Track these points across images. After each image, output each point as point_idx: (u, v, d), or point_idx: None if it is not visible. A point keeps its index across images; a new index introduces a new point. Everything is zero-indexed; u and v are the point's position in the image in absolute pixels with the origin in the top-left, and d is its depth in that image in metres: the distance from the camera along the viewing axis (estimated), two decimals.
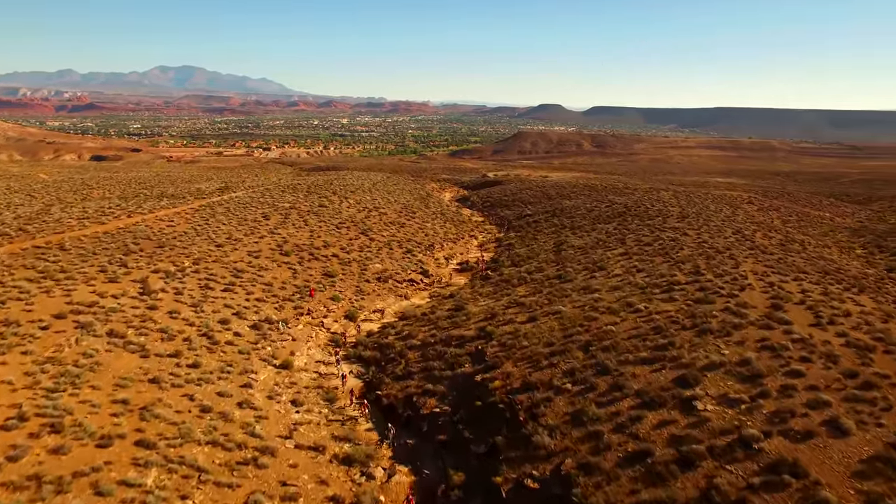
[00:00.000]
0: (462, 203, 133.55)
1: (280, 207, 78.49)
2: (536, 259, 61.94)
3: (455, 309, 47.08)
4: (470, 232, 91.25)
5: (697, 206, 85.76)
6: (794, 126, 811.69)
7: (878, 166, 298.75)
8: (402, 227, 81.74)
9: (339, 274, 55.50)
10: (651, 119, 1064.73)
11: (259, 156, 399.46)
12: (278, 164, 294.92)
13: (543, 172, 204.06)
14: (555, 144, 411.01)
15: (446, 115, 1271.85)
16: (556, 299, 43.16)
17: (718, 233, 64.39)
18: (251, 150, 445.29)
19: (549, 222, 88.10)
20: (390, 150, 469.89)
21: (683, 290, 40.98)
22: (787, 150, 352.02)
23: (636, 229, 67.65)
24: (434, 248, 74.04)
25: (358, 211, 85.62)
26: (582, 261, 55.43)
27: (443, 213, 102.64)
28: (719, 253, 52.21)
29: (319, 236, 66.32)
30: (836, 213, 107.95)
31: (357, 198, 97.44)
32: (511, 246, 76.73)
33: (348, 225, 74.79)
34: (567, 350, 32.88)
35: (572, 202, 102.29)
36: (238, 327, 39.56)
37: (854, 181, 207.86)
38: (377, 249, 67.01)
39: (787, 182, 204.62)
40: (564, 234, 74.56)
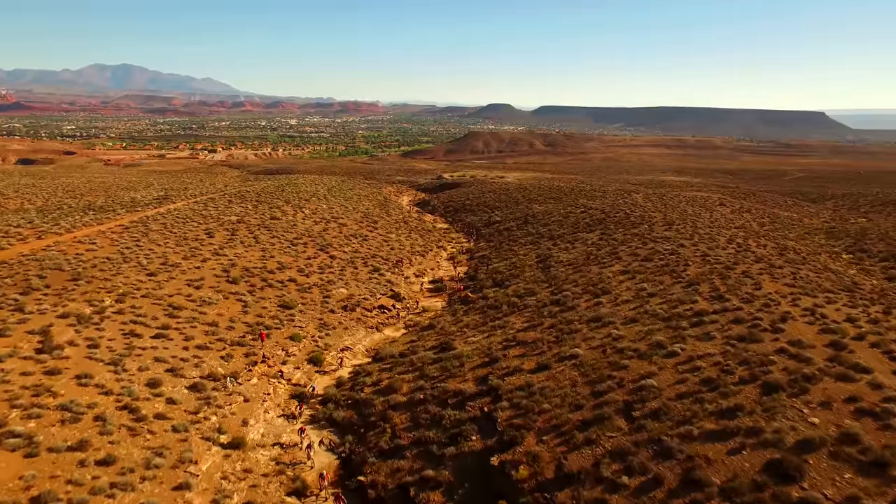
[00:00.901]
0: (422, 208, 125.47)
1: (226, 221, 68.27)
2: (522, 277, 54.48)
3: (441, 348, 38.98)
4: (437, 242, 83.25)
5: (678, 211, 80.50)
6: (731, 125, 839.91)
7: (812, 163, 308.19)
8: (364, 240, 72.90)
9: (297, 304, 46.40)
10: (598, 118, 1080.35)
11: (204, 158, 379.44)
12: (225, 166, 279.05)
13: (499, 172, 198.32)
14: (507, 144, 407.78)
15: (396, 115, 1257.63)
16: (565, 336, 35.69)
17: (712, 241, 58.65)
18: (196, 153, 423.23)
19: (522, 230, 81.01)
20: (341, 152, 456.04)
21: (715, 321, 34.25)
22: (730, 149, 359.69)
23: (625, 240, 61.23)
24: (402, 265, 65.66)
25: (315, 222, 76.18)
26: (578, 281, 48.27)
27: (406, 221, 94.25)
28: (729, 269, 46.07)
29: (273, 256, 56.82)
30: (803, 214, 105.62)
31: (313, 206, 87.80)
32: (486, 259, 69.18)
33: (305, 240, 65.42)
34: (603, 417, 25.38)
35: (543, 207, 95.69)
36: (172, 391, 30.22)
37: (796, 178, 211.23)
38: (340, 269, 58.07)
39: (736, 180, 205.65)
40: (545, 246, 67.53)
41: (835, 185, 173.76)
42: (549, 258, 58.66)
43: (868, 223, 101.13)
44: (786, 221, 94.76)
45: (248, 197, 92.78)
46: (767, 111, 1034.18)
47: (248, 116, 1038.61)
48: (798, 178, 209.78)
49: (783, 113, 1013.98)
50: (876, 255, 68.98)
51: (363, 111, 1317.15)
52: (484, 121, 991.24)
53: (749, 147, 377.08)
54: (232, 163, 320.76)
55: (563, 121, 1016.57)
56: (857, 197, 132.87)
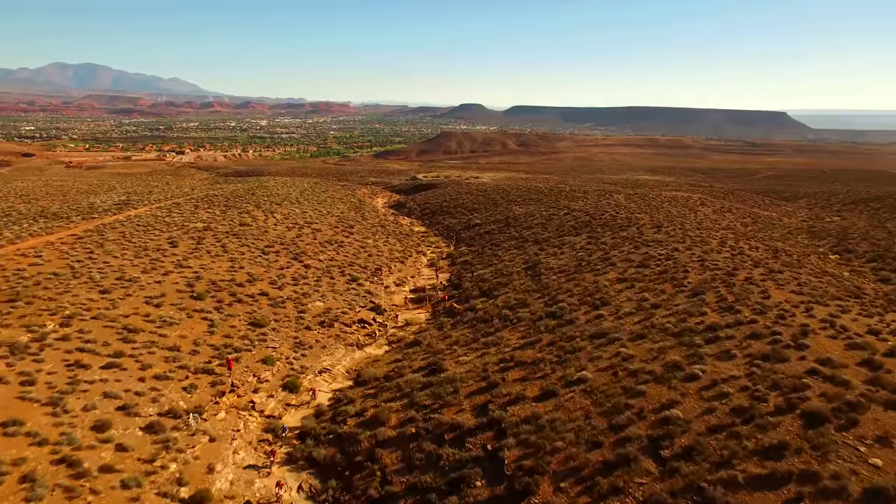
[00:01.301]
0: (398, 210, 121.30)
1: (192, 229, 63.17)
2: (511, 286, 50.96)
3: (430, 369, 35.13)
4: (416, 247, 79.32)
5: (663, 212, 78.15)
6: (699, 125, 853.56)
7: (778, 161, 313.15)
8: (340, 246, 68.53)
9: (270, 322, 41.98)
10: (569, 118, 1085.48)
11: (172, 160, 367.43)
12: (193, 168, 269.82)
13: (473, 173, 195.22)
14: (480, 144, 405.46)
15: (368, 115, 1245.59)
16: (568, 356, 32.19)
17: (704, 244, 56.11)
18: (163, 155, 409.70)
19: (505, 234, 77.65)
20: (313, 153, 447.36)
21: (731, 336, 31.18)
22: (699, 148, 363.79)
23: (616, 244, 58.26)
24: (381, 273, 61.54)
25: (287, 228, 71.49)
26: (573, 290, 44.94)
27: (382, 225, 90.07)
28: (731, 276, 43.32)
29: (242, 267, 52.14)
30: (781, 213, 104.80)
31: (285, 211, 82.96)
32: (470, 266, 65.55)
33: (277, 248, 60.81)
34: (628, 457, 21.91)
35: (524, 209, 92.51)
36: (124, 434, 25.75)
37: (767, 177, 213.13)
38: (315, 280, 53.68)
39: (709, 178, 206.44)
40: (531, 250, 64.23)
41: (804, 184, 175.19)
42: (537, 264, 55.27)
43: (843, 221, 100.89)
44: (766, 221, 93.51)
45: (217, 201, 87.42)
46: (733, 111, 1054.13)
47: (217, 117, 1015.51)
48: (768, 176, 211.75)
49: (748, 113, 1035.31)
50: (862, 255, 67.60)
51: (334, 112, 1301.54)
52: (456, 121, 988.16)
53: (717, 146, 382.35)
54: (200, 165, 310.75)
55: (534, 120, 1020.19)
56: (828, 195, 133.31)
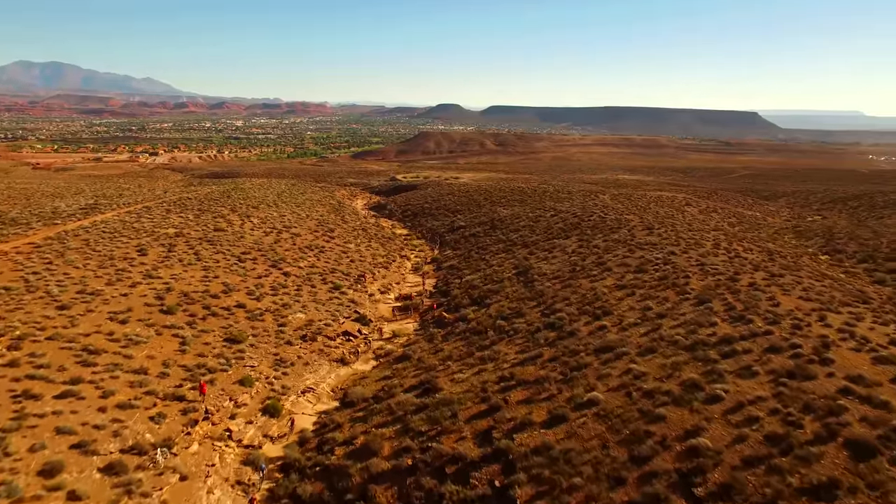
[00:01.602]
0: (378, 212, 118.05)
1: (162, 235, 59.17)
2: (503, 293, 48.23)
3: (423, 388, 32.20)
4: (399, 251, 76.29)
5: (651, 213, 76.39)
6: (673, 124, 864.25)
7: (752, 161, 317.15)
8: (321, 252, 65.15)
9: (247, 337, 38.58)
10: (545, 118, 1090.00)
11: (145, 161, 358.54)
12: (168, 170, 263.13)
13: (453, 173, 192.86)
14: (458, 144, 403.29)
15: (345, 115, 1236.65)
16: (574, 373, 29.53)
17: (699, 247, 54.21)
18: (136, 156, 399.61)
19: (491, 237, 75.04)
20: (290, 153, 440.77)
21: (748, 350, 28.87)
22: (674, 147, 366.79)
23: (609, 247, 55.97)
24: (365, 280, 58.39)
25: (265, 233, 67.84)
26: (571, 298, 42.39)
27: (364, 228, 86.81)
28: (734, 281, 41.25)
29: (217, 276, 48.51)
30: (765, 213, 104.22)
31: (262, 214, 79.17)
32: (457, 271, 62.76)
33: (254, 255, 57.21)
34: (658, 497, 19.23)
35: (509, 210, 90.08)
36: (77, 479, 22.30)
37: (743, 176, 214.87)
38: (296, 289, 50.31)
39: (687, 178, 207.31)
40: (520, 254, 61.67)
41: (780, 183, 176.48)
42: (529, 270, 52.64)
43: (825, 221, 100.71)
44: (752, 221, 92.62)
45: (190, 205, 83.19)
46: (706, 111, 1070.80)
47: (191, 118, 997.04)
48: (744, 175, 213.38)
49: (720, 113, 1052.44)
50: (852, 255, 66.53)
51: (311, 112, 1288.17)
52: (433, 121, 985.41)
53: (692, 145, 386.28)
54: (175, 166, 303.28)
55: (511, 120, 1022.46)
56: (807, 195, 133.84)
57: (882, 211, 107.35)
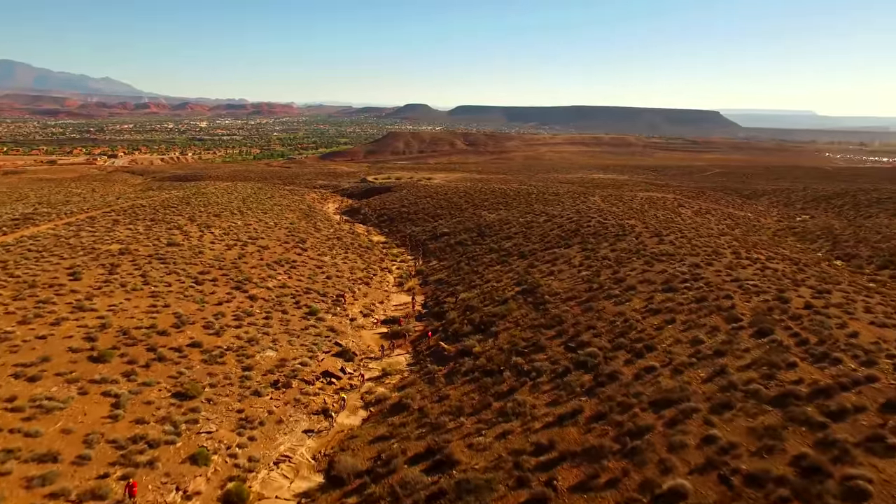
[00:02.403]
0: (352, 217, 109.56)
1: (104, 253, 49.80)
2: (511, 318, 40.77)
3: (434, 461, 24.47)
4: (380, 263, 68.29)
5: (650, 217, 70.16)
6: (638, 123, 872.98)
7: (718, 158, 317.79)
8: (292, 267, 56.65)
9: (203, 390, 30.13)
10: (513, 117, 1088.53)
11: (103, 164, 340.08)
12: (127, 173, 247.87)
13: (425, 174, 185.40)
14: (428, 144, 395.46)
15: (312, 116, 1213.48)
16: (637, 442, 22.17)
17: (719, 256, 47.84)
18: (93, 158, 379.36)
19: (481, 245, 67.69)
20: (256, 155, 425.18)
21: (861, 407, 21.99)
22: (642, 145, 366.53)
23: (621, 258, 49.06)
24: (344, 300, 50.25)
25: (227, 247, 58.95)
26: (597, 327, 35.16)
27: (339, 236, 78.37)
28: (784, 301, 34.63)
29: (168, 305, 39.76)
30: (755, 213, 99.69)
31: (224, 224, 70.04)
32: (447, 286, 55.17)
33: (215, 275, 48.42)
34: None
35: (495, 215, 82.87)
36: None
37: (716, 174, 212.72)
38: (264, 317, 41.89)
39: (662, 176, 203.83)
40: (519, 266, 54.39)
41: (755, 181, 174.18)
42: (536, 288, 45.30)
43: (815, 220, 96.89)
44: (746, 222, 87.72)
45: (143, 214, 73.39)
46: (670, 110, 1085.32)
47: (153, 119, 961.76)
48: (717, 173, 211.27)
49: (683, 112, 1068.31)
50: (869, 260, 61.61)
51: (277, 112, 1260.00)
52: (402, 121, 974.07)
53: (659, 144, 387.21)
54: (135, 169, 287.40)
55: (479, 120, 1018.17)
56: (787, 193, 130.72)
57: (868, 209, 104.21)
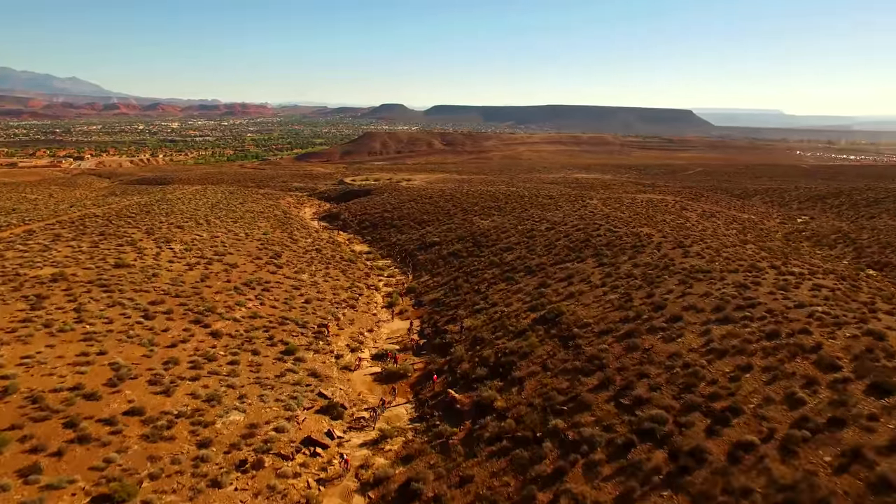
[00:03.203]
0: (331, 223, 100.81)
1: (31, 280, 40.55)
2: (534, 357, 32.89)
3: None
4: (365, 279, 60.01)
5: (660, 222, 63.24)
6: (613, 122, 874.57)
7: (696, 157, 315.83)
8: (266, 290, 48.00)
9: (137, 489, 21.56)
10: (489, 117, 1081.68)
11: (69, 167, 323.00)
12: (93, 176, 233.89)
13: (405, 175, 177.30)
14: (405, 144, 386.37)
15: (286, 116, 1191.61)
16: None
17: (759, 272, 40.60)
18: (58, 161, 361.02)
19: (479, 258, 59.88)
20: (229, 156, 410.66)
21: None
22: (620, 144, 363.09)
23: (649, 276, 41.57)
24: (327, 331, 41.87)
25: (188, 266, 49.99)
26: (652, 374, 27.49)
27: (318, 248, 69.75)
28: (877, 337, 27.42)
29: (104, 352, 30.92)
30: (758, 216, 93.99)
31: (187, 237, 60.92)
32: (445, 307, 47.23)
33: (170, 305, 39.58)
34: None
35: (489, 221, 75.15)
36: None
37: (699, 173, 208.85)
38: (229, 361, 33.33)
39: (645, 175, 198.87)
40: (528, 285, 46.67)
41: (740, 180, 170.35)
42: (558, 315, 37.50)
43: (816, 221, 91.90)
44: (752, 225, 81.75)
45: (93, 226, 63.74)
46: (644, 109, 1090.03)
47: (123, 120, 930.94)
48: (699, 172, 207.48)
49: (657, 111, 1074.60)
50: None
51: (251, 113, 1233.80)
52: (378, 121, 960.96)
53: (637, 143, 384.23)
54: (102, 171, 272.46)
55: (455, 120, 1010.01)
56: (779, 192, 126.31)
57: (868, 210, 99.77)
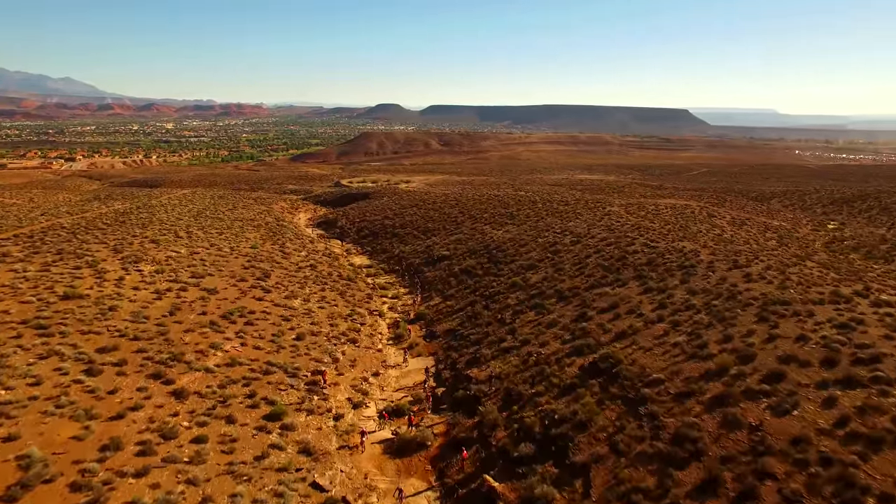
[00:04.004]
0: (327, 230, 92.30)
1: None
2: (596, 431, 24.68)
3: None
4: (366, 301, 51.65)
5: (696, 233, 55.13)
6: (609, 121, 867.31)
7: (700, 157, 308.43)
8: (249, 323, 39.47)
9: None
10: (485, 116, 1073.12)
11: (59, 168, 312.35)
12: (83, 178, 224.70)
13: (403, 176, 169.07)
14: (402, 144, 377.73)
15: (282, 117, 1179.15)
16: None
17: (850, 305, 32.62)
18: (49, 162, 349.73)
19: (497, 278, 51.56)
20: (224, 157, 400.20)
21: None
22: (618, 144, 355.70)
23: (713, 308, 33.09)
24: (325, 380, 33.43)
25: (157, 294, 41.42)
26: (779, 473, 19.25)
27: (312, 264, 61.25)
28: None
29: (14, 437, 22.32)
30: (789, 223, 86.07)
31: (161, 255, 52.32)
32: (463, 342, 38.89)
33: (124, 353, 31.00)
34: None
35: (503, 232, 66.89)
36: None
37: (704, 174, 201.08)
38: (192, 439, 24.86)
39: (648, 176, 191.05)
40: (562, 316, 38.39)
41: (749, 181, 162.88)
42: (614, 366, 29.12)
43: (848, 228, 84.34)
44: (788, 234, 73.74)
45: (53, 241, 55.01)
46: (639, 108, 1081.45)
47: (117, 120, 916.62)
48: (704, 173, 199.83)
49: (653, 110, 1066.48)
50: None
51: (247, 113, 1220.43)
52: (373, 121, 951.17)
53: (635, 142, 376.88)
54: (93, 173, 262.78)
55: (451, 120, 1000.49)
56: (799, 195, 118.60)
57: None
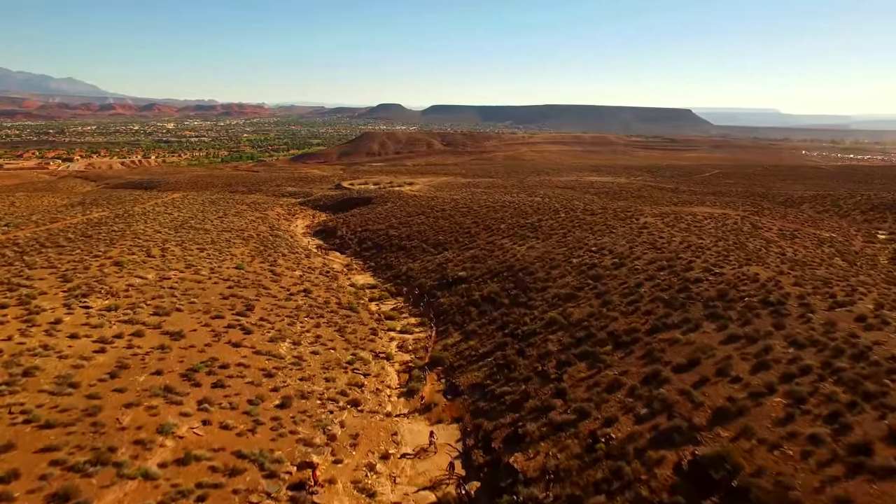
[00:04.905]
0: (326, 240, 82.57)
1: None
2: None
3: None
4: (370, 339, 41.99)
5: (755, 251, 45.38)
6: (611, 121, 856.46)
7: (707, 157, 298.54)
8: (219, 384, 29.71)
9: None
10: (487, 116, 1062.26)
11: (56, 168, 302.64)
12: (80, 178, 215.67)
13: (406, 178, 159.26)
14: (404, 144, 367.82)
15: (283, 117, 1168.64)
16: None
17: None
18: (46, 162, 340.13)
19: (530, 311, 41.98)
20: (224, 157, 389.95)
21: None
22: (623, 144, 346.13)
23: (841, 373, 23.43)
24: (313, 479, 23.78)
25: (101, 343, 31.63)
26: None
27: (307, 288, 51.47)
28: None
29: None
30: (840, 233, 76.37)
31: (122, 282, 42.58)
32: (495, 405, 29.38)
33: (22, 454, 21.41)
34: None
35: (527, 248, 57.21)
36: None
37: (717, 175, 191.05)
38: None
39: (659, 178, 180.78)
40: (622, 372, 28.83)
41: (766, 183, 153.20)
42: (731, 474, 19.53)
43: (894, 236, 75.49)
44: (845, 248, 64.14)
45: None
46: (642, 108, 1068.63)
47: (118, 120, 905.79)
48: (717, 174, 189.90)
49: (656, 110, 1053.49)
50: None
51: (248, 113, 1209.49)
52: (375, 121, 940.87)
53: (640, 142, 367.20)
54: (90, 174, 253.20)
55: (453, 120, 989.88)
56: (832, 200, 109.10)
57: None
